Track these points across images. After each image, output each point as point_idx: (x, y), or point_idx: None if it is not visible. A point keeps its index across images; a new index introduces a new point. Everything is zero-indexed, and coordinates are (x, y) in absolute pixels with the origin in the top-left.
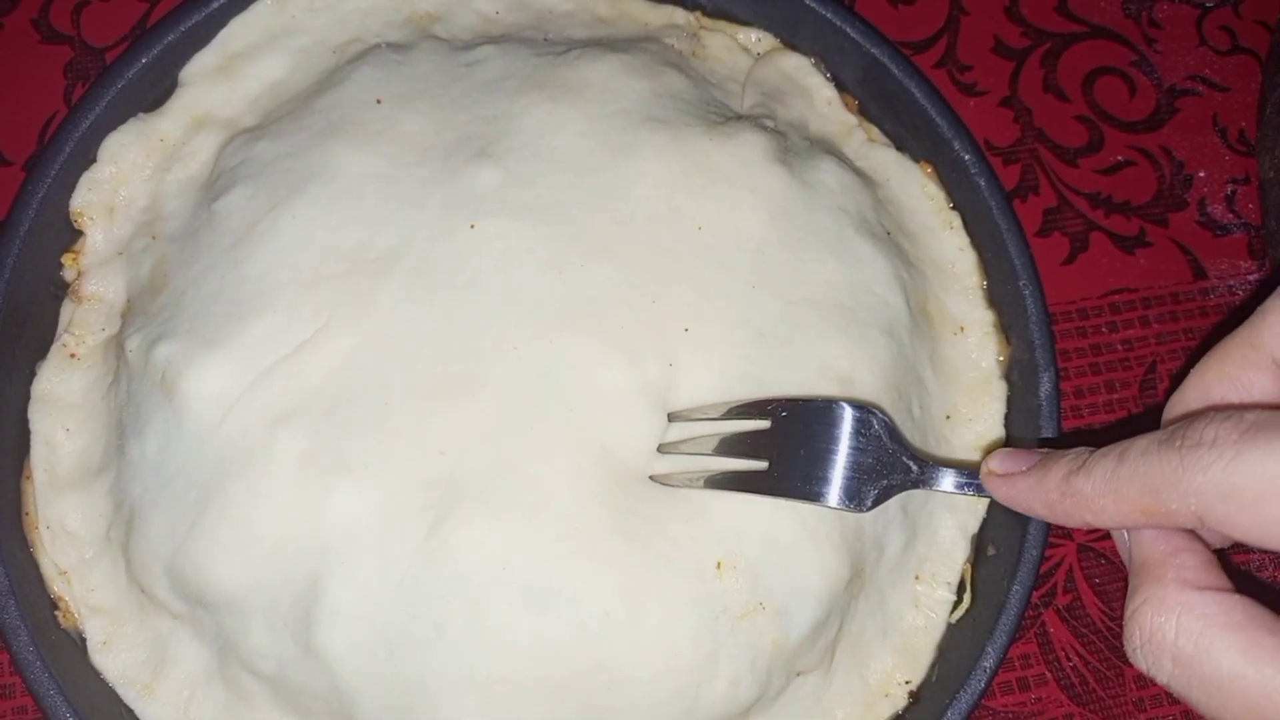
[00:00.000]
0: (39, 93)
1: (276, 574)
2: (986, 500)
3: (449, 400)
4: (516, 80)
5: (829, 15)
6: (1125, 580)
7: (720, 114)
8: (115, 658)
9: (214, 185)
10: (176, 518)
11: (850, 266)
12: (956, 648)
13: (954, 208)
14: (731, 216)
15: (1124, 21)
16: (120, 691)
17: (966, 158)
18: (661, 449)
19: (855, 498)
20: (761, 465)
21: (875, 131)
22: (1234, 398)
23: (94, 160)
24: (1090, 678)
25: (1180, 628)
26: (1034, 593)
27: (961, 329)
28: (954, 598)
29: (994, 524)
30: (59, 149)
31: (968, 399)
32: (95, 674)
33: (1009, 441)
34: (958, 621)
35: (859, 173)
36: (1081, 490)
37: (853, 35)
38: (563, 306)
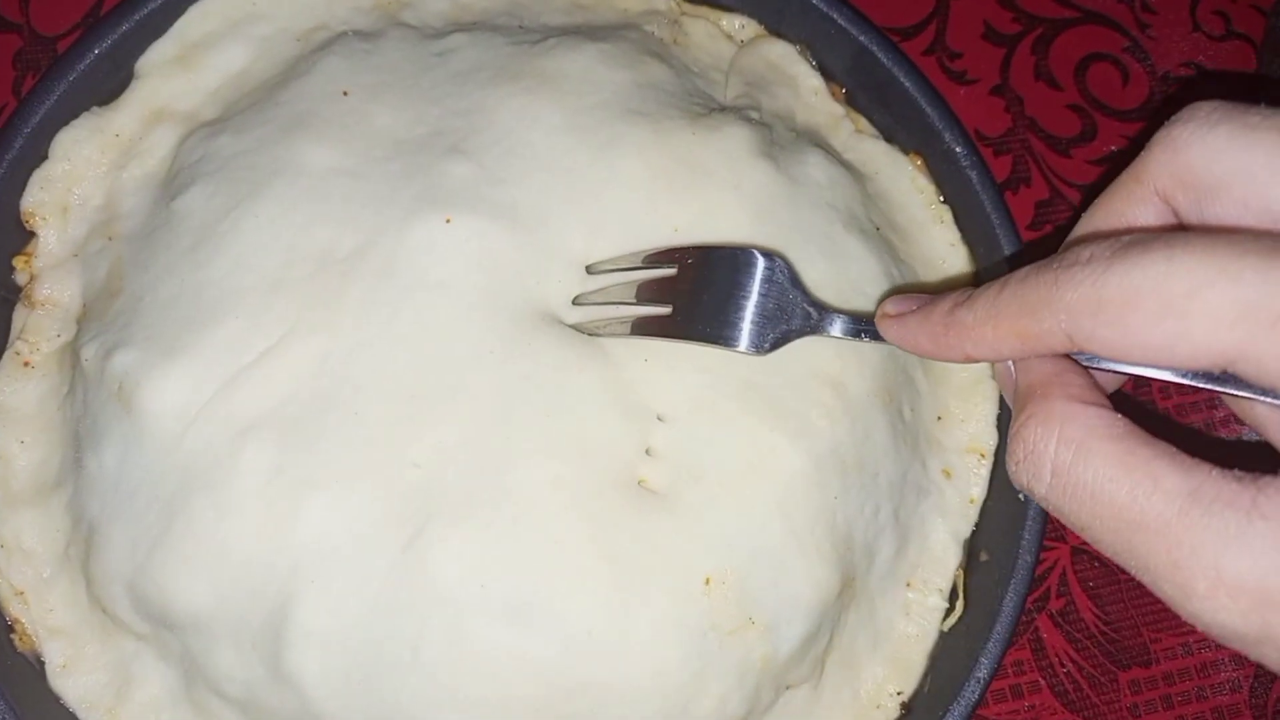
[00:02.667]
0: None
1: (244, 593)
2: (979, 506)
3: (423, 409)
4: (490, 71)
5: (815, 1)
6: (1121, 584)
7: (703, 105)
8: (76, 681)
9: (173, 182)
10: (138, 535)
11: (839, 266)
12: (949, 656)
13: (944, 201)
14: (712, 216)
15: (1117, 6)
16: (81, 716)
17: (958, 149)
18: (577, 301)
19: (756, 342)
20: (665, 310)
21: (863, 122)
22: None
23: (45, 157)
24: (1085, 684)
25: (1062, 437)
26: (1027, 598)
27: None
28: (946, 605)
29: (987, 529)
30: (8, 145)
31: (959, 400)
32: (55, 699)
33: (1000, 447)
34: (950, 629)
35: (847, 165)
36: (964, 320)
37: (840, 22)
38: (537, 309)
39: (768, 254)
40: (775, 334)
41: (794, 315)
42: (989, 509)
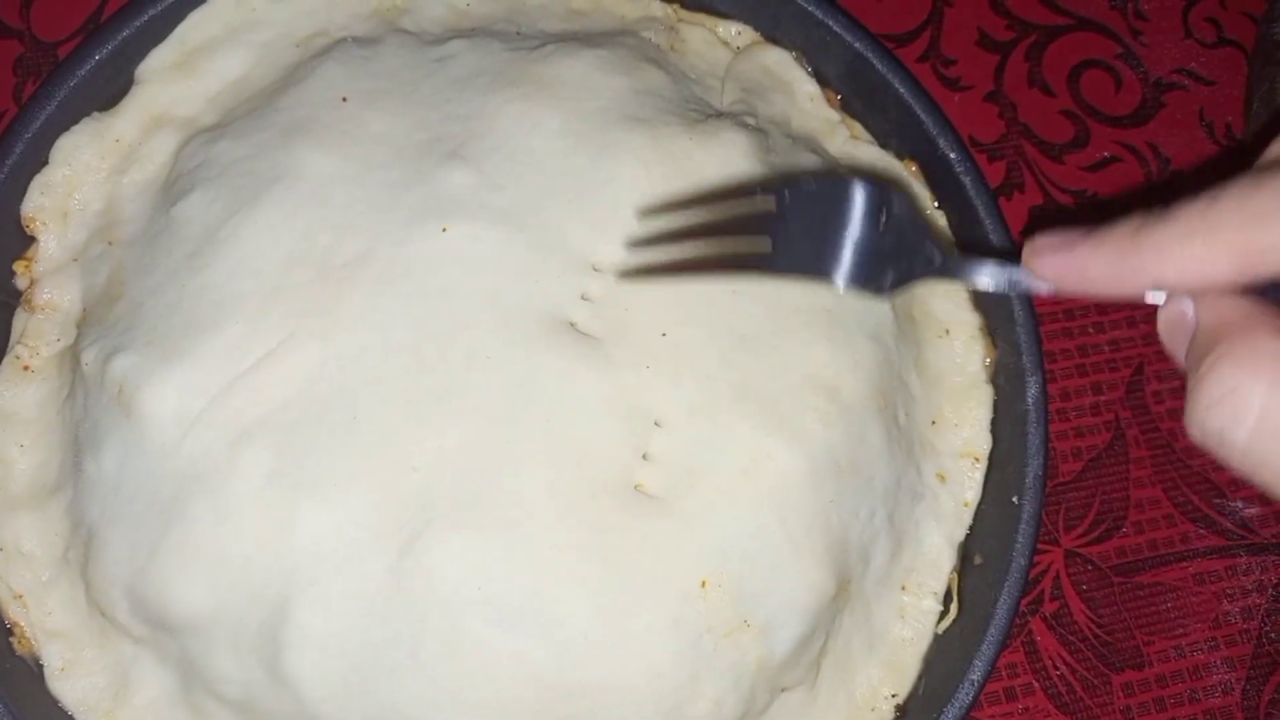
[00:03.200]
0: None
1: (242, 597)
2: (973, 509)
3: (421, 413)
4: (489, 77)
5: (810, 8)
6: (1113, 587)
7: (700, 111)
8: (74, 684)
9: (173, 188)
10: (137, 539)
11: None
12: (943, 659)
13: (938, 207)
14: None
15: (1110, 13)
16: (80, 719)
17: (952, 155)
18: (629, 245)
19: (872, 280)
20: (763, 242)
21: (858, 128)
22: None
23: (46, 162)
24: (1078, 686)
25: (1277, 376)
26: (1021, 601)
27: (947, 332)
28: (940, 608)
29: (981, 533)
30: (9, 150)
31: (953, 404)
32: (53, 702)
33: (995, 451)
34: (944, 632)
35: None
36: (1159, 239)
37: (835, 28)
38: (537, 314)
39: (879, 185)
40: (896, 272)
41: (917, 254)
42: (983, 513)
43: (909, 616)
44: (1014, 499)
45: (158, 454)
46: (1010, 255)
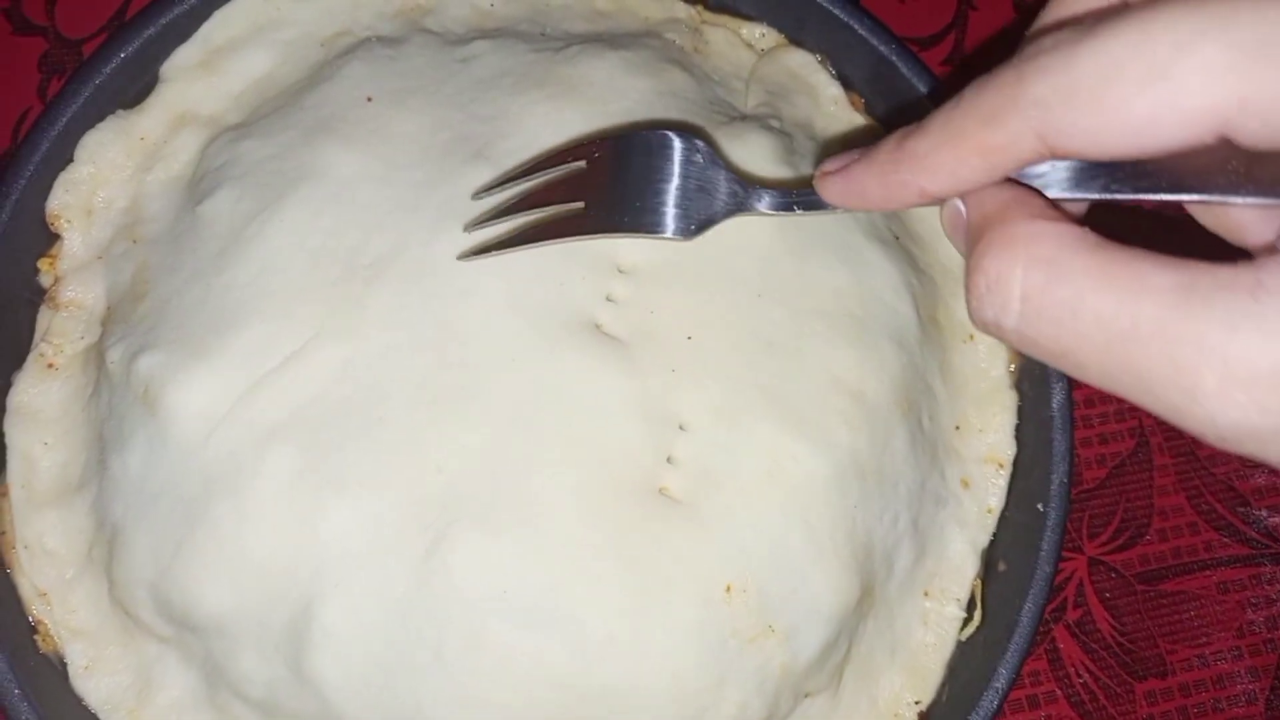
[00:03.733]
0: (12, 87)
1: (267, 597)
2: (997, 515)
3: (446, 414)
4: (514, 78)
5: (835, 10)
6: (1136, 595)
7: (724, 114)
8: (98, 683)
9: (198, 186)
10: (162, 538)
11: (859, 274)
12: (967, 666)
13: None
14: (737, 226)
15: None
16: (103, 718)
17: None
18: (467, 228)
19: (682, 227)
20: (577, 206)
21: (882, 132)
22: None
23: (71, 160)
24: (1101, 695)
25: (1030, 258)
26: (1045, 608)
27: (971, 337)
28: (964, 615)
29: (1005, 539)
30: (34, 148)
31: (977, 409)
32: (77, 700)
33: (1019, 457)
34: (967, 639)
35: None
36: (916, 150)
37: (859, 31)
38: (562, 315)
39: (683, 134)
40: (702, 216)
41: (718, 194)
42: (1007, 519)
43: (932, 622)
44: (1039, 506)
45: (183, 452)
46: None
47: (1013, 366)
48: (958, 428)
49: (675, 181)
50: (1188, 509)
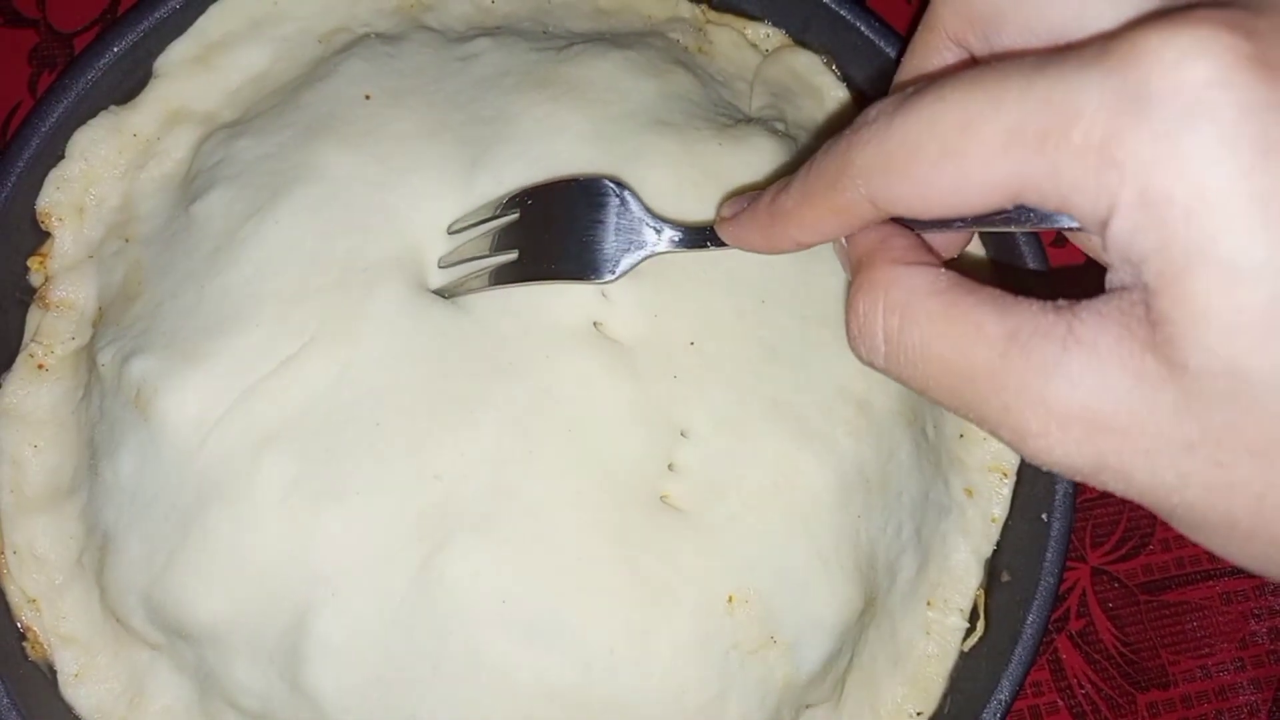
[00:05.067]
0: (1, 81)
1: (262, 606)
2: (1000, 525)
3: (444, 421)
4: (515, 77)
5: (841, 11)
6: (1139, 605)
7: (729, 115)
8: (88, 691)
9: (191, 185)
10: (154, 545)
11: None
12: (970, 677)
13: None
14: None
15: None
16: None
17: None
18: (441, 263)
19: (607, 268)
20: (512, 255)
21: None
22: None
23: (62, 156)
24: (1103, 706)
25: (887, 304)
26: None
27: None
28: (966, 625)
29: (1008, 549)
30: (25, 144)
31: None
32: (66, 708)
33: (1023, 466)
34: (970, 650)
35: None
36: (784, 206)
37: (865, 32)
38: (562, 322)
39: (613, 180)
40: (630, 259)
41: (643, 237)
42: (1010, 529)
43: (934, 633)
44: (1043, 516)
45: (176, 459)
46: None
47: None
48: (961, 436)
49: (609, 228)
50: None
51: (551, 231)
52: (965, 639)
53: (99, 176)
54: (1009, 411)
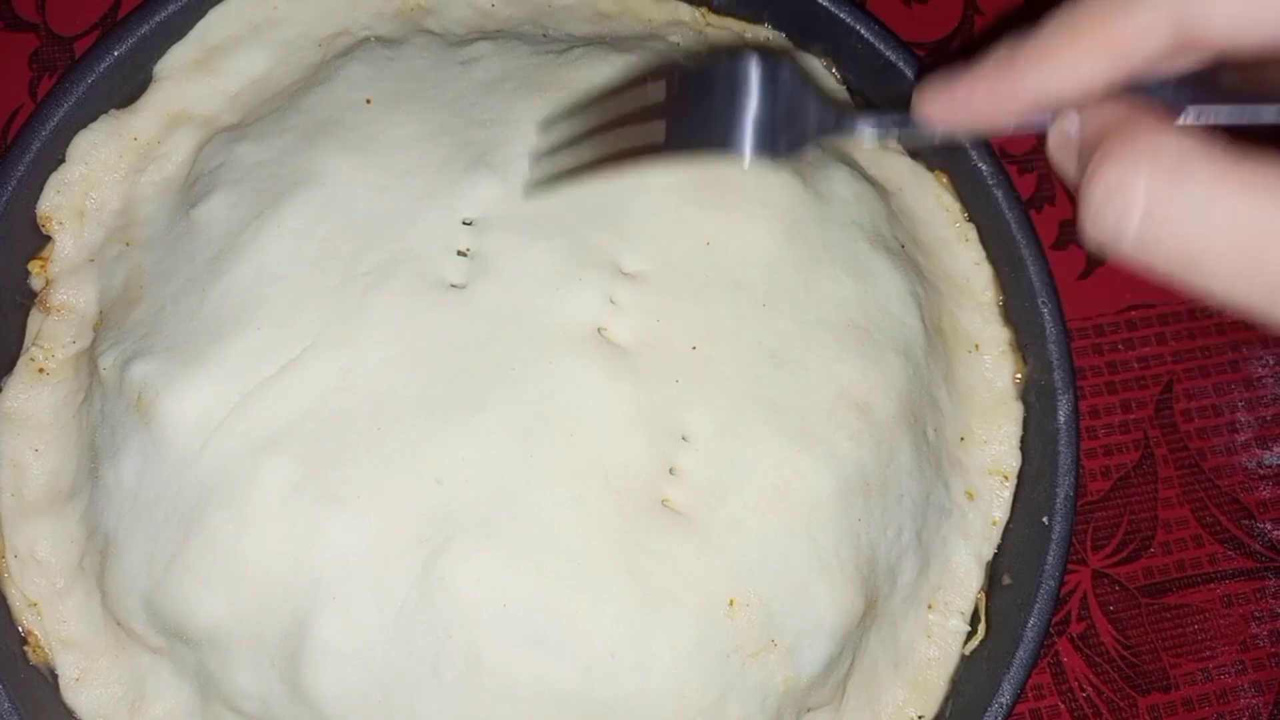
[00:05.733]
0: (2, 85)
1: (263, 610)
2: (1001, 527)
3: (446, 425)
4: (515, 82)
5: (841, 15)
6: (1140, 608)
7: None
8: (89, 694)
9: (192, 189)
10: (155, 549)
11: (865, 284)
12: (970, 680)
13: (969, 219)
14: (742, 232)
15: None
16: None
17: (983, 167)
18: (535, 158)
19: (768, 147)
20: (657, 127)
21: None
22: None
23: (63, 160)
24: (1104, 709)
25: (1155, 167)
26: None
27: (976, 347)
28: (967, 628)
29: (1010, 552)
30: (25, 148)
31: (982, 420)
32: (68, 712)
33: (1024, 469)
34: (971, 653)
35: (872, 181)
36: (1031, 53)
37: (865, 36)
38: (564, 326)
39: (767, 55)
40: (789, 135)
41: (807, 117)
42: (1011, 532)
43: (935, 636)
44: (1044, 519)
45: (177, 463)
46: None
47: (1018, 377)
48: (962, 439)
49: (757, 102)
50: (1192, 521)
51: (701, 106)
52: (966, 642)
53: (99, 180)
54: None
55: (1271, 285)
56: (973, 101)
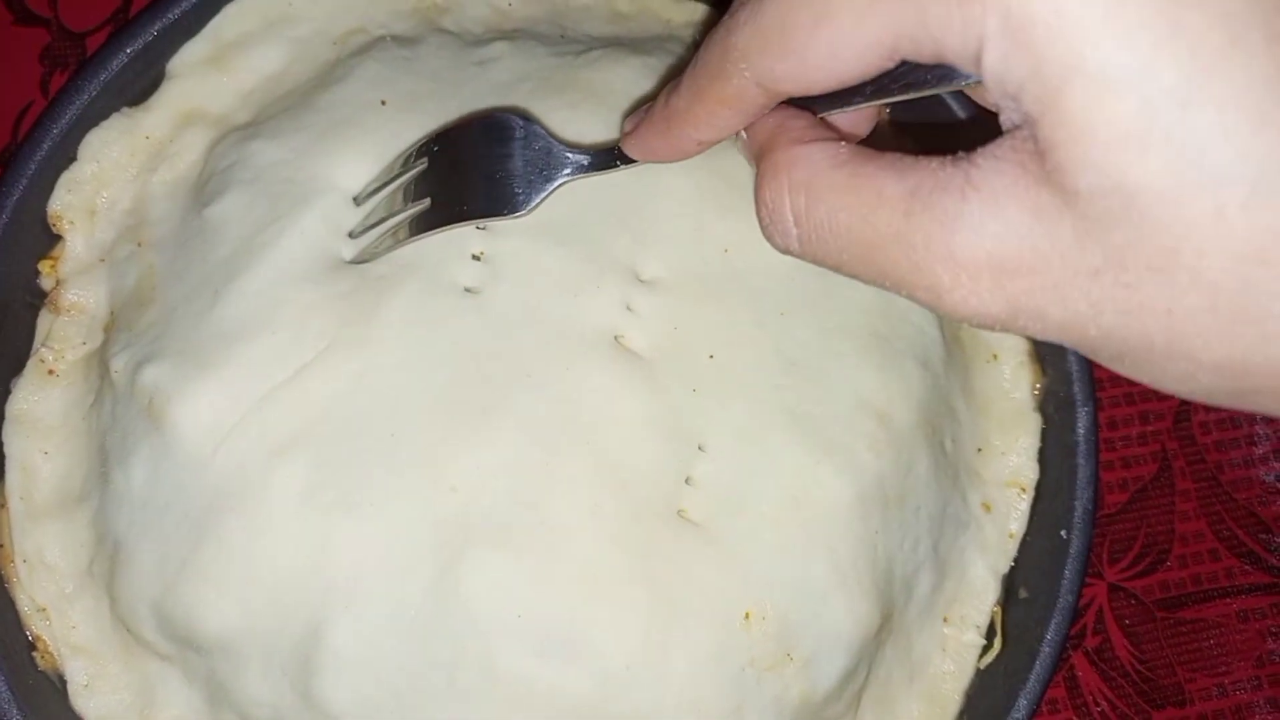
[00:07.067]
0: (13, 80)
1: (275, 617)
2: (1018, 541)
3: (461, 431)
4: (533, 83)
5: None
6: (1155, 622)
7: None
8: (98, 701)
9: (205, 188)
10: (166, 555)
11: (885, 291)
12: (986, 695)
13: None
14: (761, 240)
15: None
16: None
17: None
18: (352, 233)
19: (521, 202)
20: (424, 204)
21: (908, 142)
22: None
23: (74, 158)
24: None
25: (792, 185)
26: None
27: (995, 356)
28: (983, 642)
29: (1026, 565)
30: (36, 146)
31: (1000, 431)
32: (76, 718)
33: (1042, 481)
34: (987, 668)
35: None
36: (676, 107)
37: None
38: (580, 329)
39: (516, 113)
40: (542, 189)
41: (553, 167)
42: (1028, 545)
43: (951, 650)
44: (1062, 533)
45: (189, 467)
46: None
47: (1036, 388)
48: (980, 450)
49: (517, 162)
50: (1209, 535)
51: (460, 174)
52: (982, 656)
53: (111, 179)
54: (920, 270)
55: (895, 281)
56: (654, 146)
